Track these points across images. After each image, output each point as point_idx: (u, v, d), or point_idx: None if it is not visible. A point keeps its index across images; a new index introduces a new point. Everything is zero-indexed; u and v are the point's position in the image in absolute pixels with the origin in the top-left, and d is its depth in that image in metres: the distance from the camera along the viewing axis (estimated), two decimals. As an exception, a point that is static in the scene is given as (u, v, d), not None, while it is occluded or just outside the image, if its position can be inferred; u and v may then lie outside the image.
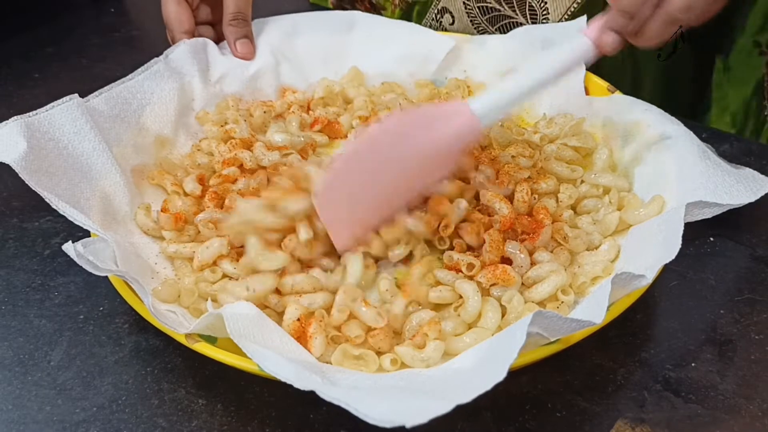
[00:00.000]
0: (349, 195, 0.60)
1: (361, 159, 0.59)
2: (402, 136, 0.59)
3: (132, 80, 0.73)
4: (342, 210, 0.59)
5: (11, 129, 0.63)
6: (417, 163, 0.60)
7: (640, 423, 0.52)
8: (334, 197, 0.59)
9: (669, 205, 0.61)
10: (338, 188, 0.59)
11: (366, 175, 0.60)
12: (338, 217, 0.59)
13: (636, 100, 0.70)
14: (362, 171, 0.59)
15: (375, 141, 0.59)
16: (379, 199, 0.60)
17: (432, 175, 0.62)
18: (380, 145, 0.59)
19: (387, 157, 0.59)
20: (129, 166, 0.69)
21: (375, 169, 0.60)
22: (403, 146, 0.59)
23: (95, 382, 0.56)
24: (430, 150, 0.60)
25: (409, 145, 0.59)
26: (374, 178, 0.60)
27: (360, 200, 0.60)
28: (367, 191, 0.60)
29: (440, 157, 0.61)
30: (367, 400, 0.45)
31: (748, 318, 0.59)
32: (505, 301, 0.57)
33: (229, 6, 0.81)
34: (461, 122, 0.60)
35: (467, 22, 0.90)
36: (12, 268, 0.67)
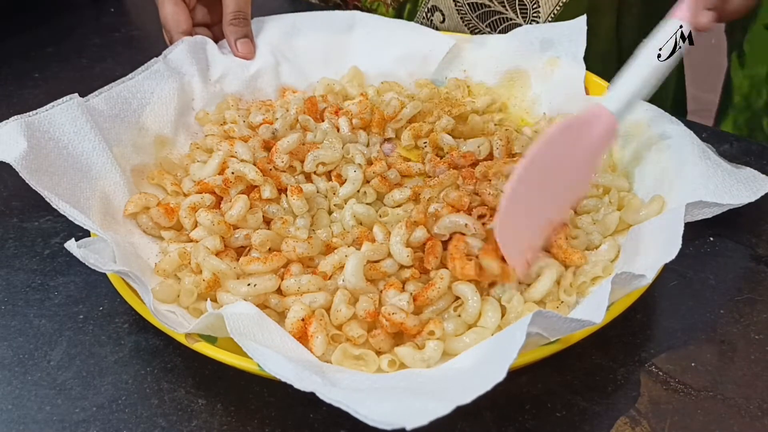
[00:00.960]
0: (521, 221, 0.59)
1: (527, 184, 0.58)
2: (556, 153, 0.59)
3: (132, 80, 0.73)
4: (517, 236, 0.59)
5: (11, 128, 0.63)
6: (573, 176, 0.61)
7: (640, 423, 0.52)
8: (509, 226, 0.58)
9: (669, 205, 0.61)
10: (512, 217, 0.58)
11: (533, 198, 0.59)
12: (515, 244, 0.58)
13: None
14: (529, 196, 0.59)
15: (535, 164, 0.58)
16: (545, 219, 0.61)
17: (586, 183, 0.64)
18: (539, 166, 0.58)
19: (547, 177, 0.59)
20: (129, 166, 0.69)
21: (539, 191, 0.59)
22: (559, 163, 0.60)
23: (95, 382, 0.56)
24: (581, 160, 0.61)
25: (564, 160, 0.60)
26: (540, 199, 0.60)
27: (530, 224, 0.60)
28: (535, 214, 0.60)
29: (588, 164, 0.62)
30: (367, 402, 0.45)
31: (748, 318, 0.59)
32: (505, 301, 0.57)
33: (229, 5, 0.81)
34: (603, 126, 0.60)
35: (458, 19, 0.90)
36: (12, 268, 0.67)
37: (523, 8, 0.86)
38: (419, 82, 0.82)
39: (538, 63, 0.79)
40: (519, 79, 0.80)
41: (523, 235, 0.59)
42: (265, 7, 0.90)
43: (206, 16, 0.83)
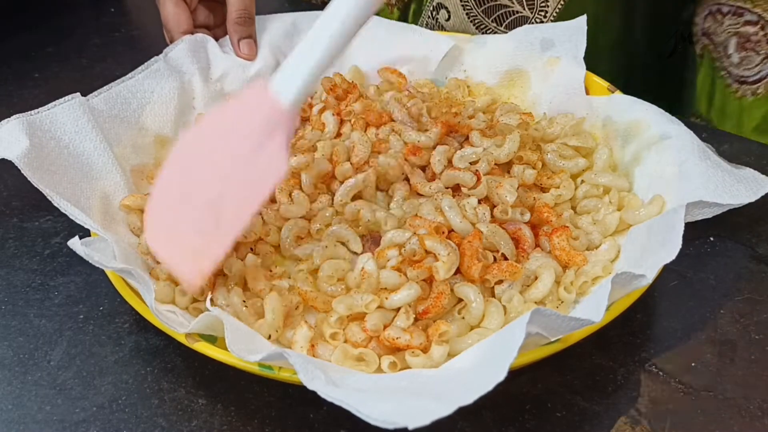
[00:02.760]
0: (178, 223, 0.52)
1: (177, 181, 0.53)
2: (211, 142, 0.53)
3: (132, 79, 0.73)
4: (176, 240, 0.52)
5: (13, 126, 0.63)
6: (239, 167, 0.53)
7: (640, 423, 0.52)
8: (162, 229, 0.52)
9: (669, 205, 0.61)
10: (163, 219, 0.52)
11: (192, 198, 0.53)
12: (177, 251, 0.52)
13: (636, 100, 0.70)
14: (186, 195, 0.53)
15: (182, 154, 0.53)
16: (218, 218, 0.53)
17: (264, 176, 0.54)
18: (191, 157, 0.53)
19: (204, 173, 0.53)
20: (129, 166, 0.69)
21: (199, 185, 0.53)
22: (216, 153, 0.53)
23: (95, 382, 0.56)
24: (245, 148, 0.53)
25: (221, 149, 0.53)
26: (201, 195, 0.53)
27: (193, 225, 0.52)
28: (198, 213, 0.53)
29: (263, 154, 0.53)
30: (369, 402, 0.45)
31: (748, 318, 0.59)
32: (505, 301, 0.57)
33: (234, 4, 0.80)
34: (266, 110, 0.53)
35: (463, 15, 0.90)
36: (12, 268, 0.67)
37: (531, 1, 0.86)
38: (419, 82, 0.82)
39: (538, 63, 0.79)
40: (519, 79, 0.80)
41: (186, 239, 0.52)
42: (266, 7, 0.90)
43: (208, 18, 0.83)
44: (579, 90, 0.75)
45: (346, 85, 0.79)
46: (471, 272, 0.57)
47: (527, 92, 0.80)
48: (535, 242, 0.62)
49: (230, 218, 0.53)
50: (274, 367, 0.50)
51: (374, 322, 0.55)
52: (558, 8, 0.86)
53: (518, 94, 0.80)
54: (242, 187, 0.54)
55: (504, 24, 0.89)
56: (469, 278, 0.58)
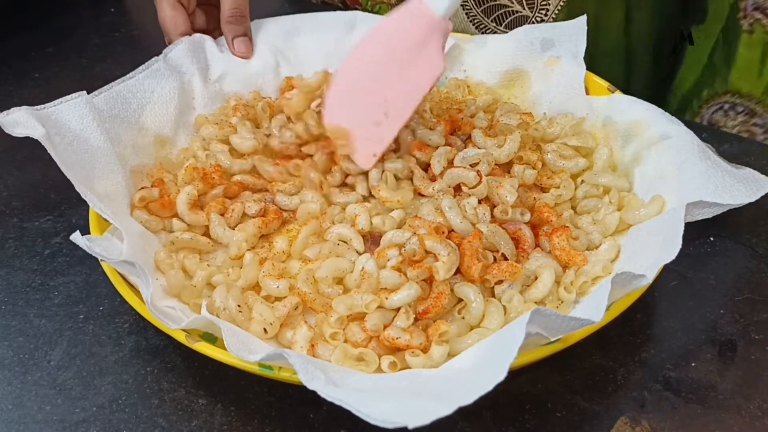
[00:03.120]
0: (353, 109, 0.64)
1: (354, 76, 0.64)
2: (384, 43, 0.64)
3: (131, 79, 0.73)
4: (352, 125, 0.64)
5: (26, 113, 0.63)
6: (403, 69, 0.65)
7: (640, 423, 0.52)
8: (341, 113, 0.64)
9: (669, 205, 0.61)
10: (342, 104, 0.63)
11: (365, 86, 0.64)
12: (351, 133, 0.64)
13: (636, 100, 0.70)
14: (359, 87, 0.64)
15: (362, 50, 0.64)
16: (385, 110, 0.65)
17: (425, 74, 0.66)
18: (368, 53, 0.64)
19: (378, 65, 0.64)
20: (129, 166, 0.69)
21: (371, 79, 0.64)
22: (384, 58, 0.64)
23: (95, 382, 0.56)
24: (409, 52, 0.64)
25: (396, 55, 0.64)
26: (374, 92, 0.64)
27: (366, 114, 0.64)
28: (370, 103, 0.64)
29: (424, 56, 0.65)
30: (369, 401, 0.45)
31: (748, 318, 0.59)
32: (506, 301, 0.57)
33: (227, 3, 0.80)
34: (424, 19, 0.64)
35: (463, 15, 0.90)
36: (12, 268, 0.67)
37: (531, 0, 0.86)
38: (419, 82, 0.82)
39: (538, 63, 0.79)
40: (519, 79, 0.80)
41: (359, 124, 0.64)
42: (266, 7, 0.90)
43: (205, 21, 0.83)
44: (579, 90, 0.75)
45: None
46: (471, 272, 0.57)
47: (527, 92, 0.80)
48: (535, 242, 0.62)
49: (397, 112, 0.66)
50: (274, 367, 0.50)
51: (374, 322, 0.55)
52: (558, 8, 0.86)
53: (518, 94, 0.80)
54: (405, 86, 0.66)
55: (504, 24, 0.89)
56: (469, 278, 0.58)
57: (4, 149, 0.81)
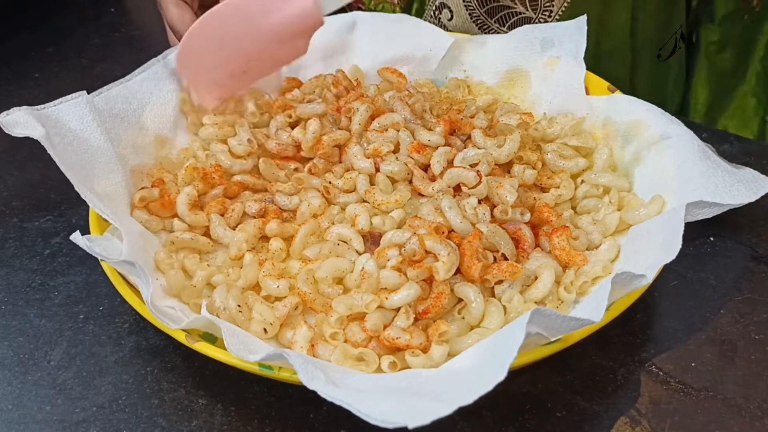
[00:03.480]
0: (205, 55, 0.70)
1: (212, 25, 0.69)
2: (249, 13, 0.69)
3: (131, 80, 0.73)
4: (201, 68, 0.71)
5: (25, 113, 0.63)
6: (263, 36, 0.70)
7: (640, 423, 0.52)
8: (193, 58, 0.70)
9: (669, 205, 0.61)
10: (196, 48, 0.69)
11: (218, 40, 0.70)
12: (198, 74, 0.71)
13: (636, 100, 0.70)
14: (215, 36, 0.70)
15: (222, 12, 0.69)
16: (234, 64, 0.71)
17: (283, 52, 0.73)
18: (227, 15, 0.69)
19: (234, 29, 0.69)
20: (129, 166, 0.69)
21: (227, 38, 0.70)
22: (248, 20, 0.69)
23: (95, 382, 0.56)
24: (273, 28, 0.70)
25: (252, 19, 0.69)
26: (226, 44, 0.70)
27: (216, 62, 0.71)
28: (221, 55, 0.70)
29: (286, 37, 0.71)
30: (369, 402, 0.45)
31: (748, 318, 0.59)
32: (505, 301, 0.57)
33: None
34: (300, 6, 0.69)
35: (466, 16, 0.90)
36: (12, 268, 0.67)
37: (534, 2, 0.86)
38: (419, 81, 0.82)
39: (538, 63, 0.79)
40: (519, 79, 0.80)
41: (209, 73, 0.71)
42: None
43: None
44: (579, 90, 0.75)
45: (347, 82, 0.79)
46: (471, 272, 0.57)
47: (527, 92, 0.80)
48: (535, 242, 0.62)
49: (252, 72, 0.73)
50: (274, 367, 0.50)
51: (374, 322, 0.55)
52: (562, 9, 0.86)
53: (518, 94, 0.80)
54: (266, 55, 0.72)
55: (506, 25, 0.89)
56: (469, 278, 0.58)
57: (4, 149, 0.81)
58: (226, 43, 0.70)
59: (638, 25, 0.91)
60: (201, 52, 0.71)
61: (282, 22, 0.70)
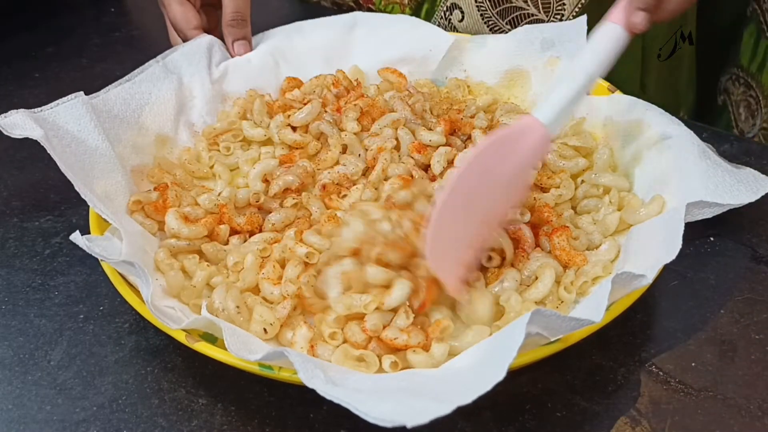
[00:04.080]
0: (452, 238, 0.58)
1: (456, 200, 0.57)
2: (488, 166, 0.58)
3: (130, 81, 0.73)
4: (448, 254, 0.58)
5: (23, 115, 0.63)
6: (505, 189, 0.60)
7: (640, 423, 0.52)
8: (439, 244, 0.56)
9: (669, 205, 0.61)
10: (442, 234, 0.56)
11: (463, 214, 0.58)
12: (446, 262, 0.57)
13: (636, 100, 0.70)
14: (459, 211, 0.57)
15: (465, 178, 0.57)
16: (478, 234, 0.59)
17: (517, 196, 0.62)
18: (470, 180, 0.57)
19: (479, 191, 0.58)
20: (129, 166, 0.69)
21: (470, 206, 0.58)
22: (491, 177, 0.58)
23: (95, 382, 0.56)
24: (514, 173, 0.59)
25: (496, 174, 0.58)
26: (471, 215, 0.58)
27: (462, 240, 0.58)
28: (467, 230, 0.58)
29: (522, 178, 0.61)
30: (369, 401, 0.45)
31: (748, 318, 0.59)
32: (503, 301, 0.57)
33: (228, 6, 0.80)
34: (536, 138, 0.59)
35: (477, 17, 0.89)
36: (12, 268, 0.67)
37: (546, 4, 0.86)
38: (419, 81, 0.82)
39: (539, 63, 0.79)
40: (519, 79, 0.80)
41: (454, 253, 0.58)
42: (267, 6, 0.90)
43: (205, 22, 0.83)
44: (579, 90, 0.75)
45: (347, 82, 0.79)
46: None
47: (527, 92, 0.80)
48: (535, 242, 0.62)
49: (487, 235, 0.61)
50: (274, 367, 0.50)
51: (374, 322, 0.55)
52: (575, 12, 0.86)
53: (518, 94, 0.80)
54: (502, 202, 0.61)
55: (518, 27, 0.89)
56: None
57: (4, 149, 0.81)
58: (473, 212, 0.58)
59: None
60: (448, 233, 0.57)
61: (521, 163, 0.59)
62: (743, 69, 0.95)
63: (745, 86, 0.96)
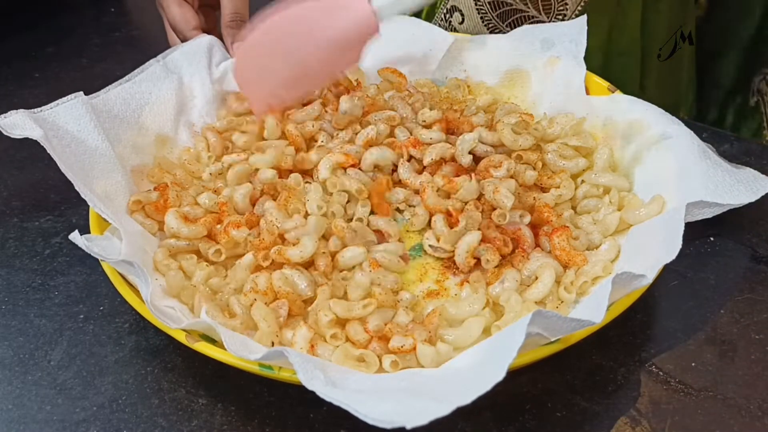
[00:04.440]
0: (261, 65, 0.69)
1: (268, 35, 0.68)
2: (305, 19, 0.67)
3: (130, 81, 0.73)
4: (257, 77, 0.70)
5: (23, 115, 0.63)
6: (324, 51, 0.68)
7: (640, 423, 0.52)
8: (249, 64, 0.69)
9: (669, 205, 0.61)
10: (253, 57, 0.69)
11: (277, 51, 0.69)
12: (253, 83, 0.70)
13: (636, 100, 0.70)
14: (272, 47, 0.68)
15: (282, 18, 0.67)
16: (289, 75, 0.70)
17: (337, 63, 0.71)
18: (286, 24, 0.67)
19: (294, 38, 0.68)
20: (129, 166, 0.69)
21: (285, 47, 0.68)
22: (308, 31, 0.67)
23: (95, 382, 0.56)
24: (333, 38, 0.67)
25: (314, 30, 0.67)
26: (285, 55, 0.69)
27: (271, 72, 0.70)
28: (277, 65, 0.69)
29: (342, 44, 0.68)
30: (368, 402, 0.45)
31: (748, 318, 0.59)
32: (503, 301, 0.57)
33: (227, 7, 0.80)
34: (359, 13, 0.66)
35: (477, 19, 0.89)
36: (12, 268, 0.67)
37: (547, 5, 0.86)
38: (419, 81, 0.82)
39: (539, 63, 0.78)
40: (519, 79, 0.80)
41: (265, 81, 0.70)
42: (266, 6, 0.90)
43: (203, 23, 0.83)
44: (579, 90, 0.75)
45: (347, 82, 0.79)
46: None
47: (527, 92, 0.80)
48: (535, 242, 0.62)
49: (305, 81, 0.71)
50: (274, 367, 0.50)
51: (376, 322, 0.55)
52: (577, 11, 0.86)
53: (518, 94, 0.80)
54: (320, 64, 0.69)
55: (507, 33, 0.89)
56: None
57: (4, 149, 0.81)
58: (283, 54, 0.69)
59: (649, 25, 0.91)
60: (257, 62, 0.70)
61: (339, 32, 0.68)
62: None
63: None
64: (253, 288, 0.57)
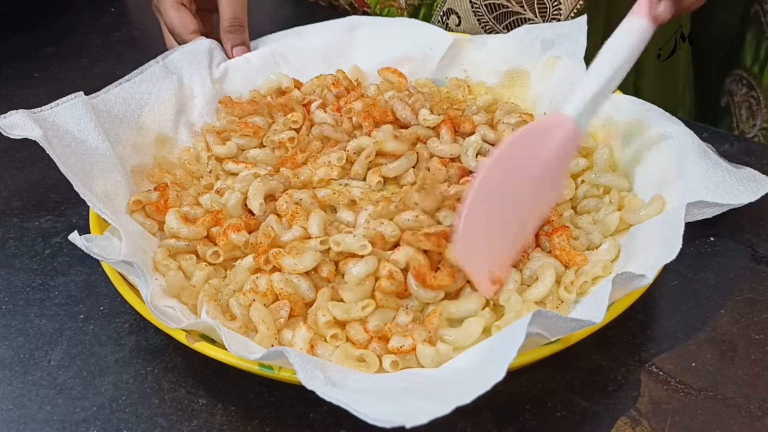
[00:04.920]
0: (483, 234, 0.56)
1: (485, 196, 0.55)
2: (516, 161, 0.57)
3: (129, 81, 0.73)
4: (479, 251, 0.56)
5: (23, 115, 0.63)
6: (538, 186, 0.58)
7: (640, 423, 0.52)
8: (473, 234, 0.55)
9: (669, 205, 0.61)
10: (475, 224, 0.55)
11: (494, 209, 0.57)
12: (477, 260, 0.56)
13: (636, 100, 0.70)
14: (489, 206, 0.56)
15: (493, 174, 0.56)
16: (512, 232, 0.58)
17: (550, 195, 0.61)
18: (499, 176, 0.56)
19: (509, 186, 0.57)
20: (129, 166, 0.69)
21: (501, 201, 0.57)
22: (521, 172, 0.57)
23: (95, 382, 0.56)
24: (545, 169, 0.58)
25: (525, 169, 0.57)
26: (502, 210, 0.57)
27: (494, 238, 0.57)
28: (499, 227, 0.57)
29: (553, 174, 0.60)
30: (368, 402, 0.45)
31: (748, 318, 0.59)
32: (503, 301, 0.57)
33: (226, 12, 0.80)
34: (565, 132, 0.58)
35: (474, 21, 0.89)
36: (12, 268, 0.67)
37: (543, 8, 0.86)
38: (419, 81, 0.82)
39: (539, 63, 0.78)
40: (519, 79, 0.80)
41: (487, 252, 0.57)
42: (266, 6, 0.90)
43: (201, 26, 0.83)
44: (579, 90, 0.75)
45: (347, 82, 0.79)
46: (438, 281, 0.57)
47: (528, 92, 0.80)
48: (536, 242, 0.62)
49: (520, 234, 0.59)
50: (274, 367, 0.50)
51: (376, 323, 0.55)
52: (571, 15, 0.86)
53: (519, 94, 0.80)
54: (533, 201, 0.59)
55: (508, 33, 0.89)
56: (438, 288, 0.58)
57: (4, 149, 0.81)
58: (501, 208, 0.57)
59: None
60: (479, 228, 0.56)
61: (552, 160, 0.58)
62: (746, 70, 0.95)
63: (747, 87, 0.96)
64: (252, 288, 0.57)
